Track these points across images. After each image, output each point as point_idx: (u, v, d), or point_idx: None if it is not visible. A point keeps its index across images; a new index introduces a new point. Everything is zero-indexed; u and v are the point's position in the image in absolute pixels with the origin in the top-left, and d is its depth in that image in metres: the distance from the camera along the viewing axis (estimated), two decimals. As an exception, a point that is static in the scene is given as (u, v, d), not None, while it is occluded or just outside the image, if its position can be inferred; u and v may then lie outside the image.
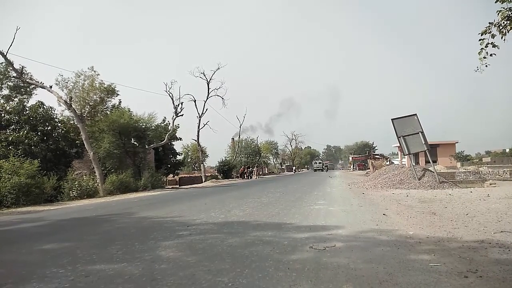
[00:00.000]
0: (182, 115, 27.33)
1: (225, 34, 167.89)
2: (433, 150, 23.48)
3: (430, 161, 15.35)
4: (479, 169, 22.84)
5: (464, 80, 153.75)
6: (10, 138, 18.38)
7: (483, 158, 48.80)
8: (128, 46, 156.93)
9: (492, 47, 5.74)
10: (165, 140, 25.21)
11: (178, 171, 34.65)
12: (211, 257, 4.10)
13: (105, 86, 21.63)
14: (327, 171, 60.65)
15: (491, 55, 5.81)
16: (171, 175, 32.51)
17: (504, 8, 5.58)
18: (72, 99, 19.71)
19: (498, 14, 5.62)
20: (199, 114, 35.30)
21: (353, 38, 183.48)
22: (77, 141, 21.74)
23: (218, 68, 35.31)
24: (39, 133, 19.74)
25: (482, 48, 5.80)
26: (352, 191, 13.95)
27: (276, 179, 33.43)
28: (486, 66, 5.88)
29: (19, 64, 19.12)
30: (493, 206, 7.51)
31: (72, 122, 21.77)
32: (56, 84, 20.21)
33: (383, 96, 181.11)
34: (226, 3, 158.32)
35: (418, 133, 14.66)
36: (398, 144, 16.77)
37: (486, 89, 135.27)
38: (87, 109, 21.21)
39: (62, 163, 20.50)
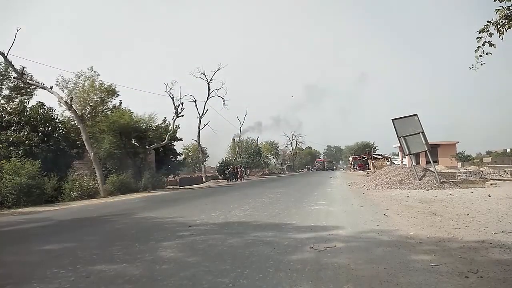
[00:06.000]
0: (182, 115, 27.34)
1: (228, 32, 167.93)
2: (433, 150, 23.47)
3: (431, 161, 15.33)
4: (480, 169, 22.81)
5: (465, 80, 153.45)
6: (11, 139, 18.39)
7: (484, 158, 48.61)
8: (129, 47, 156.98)
9: (489, 46, 5.73)
10: (165, 141, 25.20)
11: (179, 171, 34.62)
12: (211, 258, 4.10)
13: (105, 86, 21.59)
14: None
15: (487, 54, 5.81)
16: (171, 176, 32.51)
17: (503, 7, 5.57)
18: (73, 99, 19.68)
19: (496, 12, 5.61)
20: (199, 114, 35.34)
21: (352, 37, 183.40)
22: (77, 142, 21.73)
23: (219, 69, 35.06)
24: (39, 134, 19.74)
25: (479, 46, 5.79)
26: (352, 191, 13.93)
27: (276, 179, 33.42)
28: (482, 64, 5.88)
29: (20, 65, 19.13)
30: (494, 206, 7.50)
31: (72, 122, 21.75)
32: (57, 84, 20.18)
33: (383, 96, 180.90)
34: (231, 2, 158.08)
35: (419, 133, 14.65)
36: (399, 145, 16.76)
37: (487, 89, 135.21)
38: (87, 109, 21.16)
39: (63, 163, 20.46)
